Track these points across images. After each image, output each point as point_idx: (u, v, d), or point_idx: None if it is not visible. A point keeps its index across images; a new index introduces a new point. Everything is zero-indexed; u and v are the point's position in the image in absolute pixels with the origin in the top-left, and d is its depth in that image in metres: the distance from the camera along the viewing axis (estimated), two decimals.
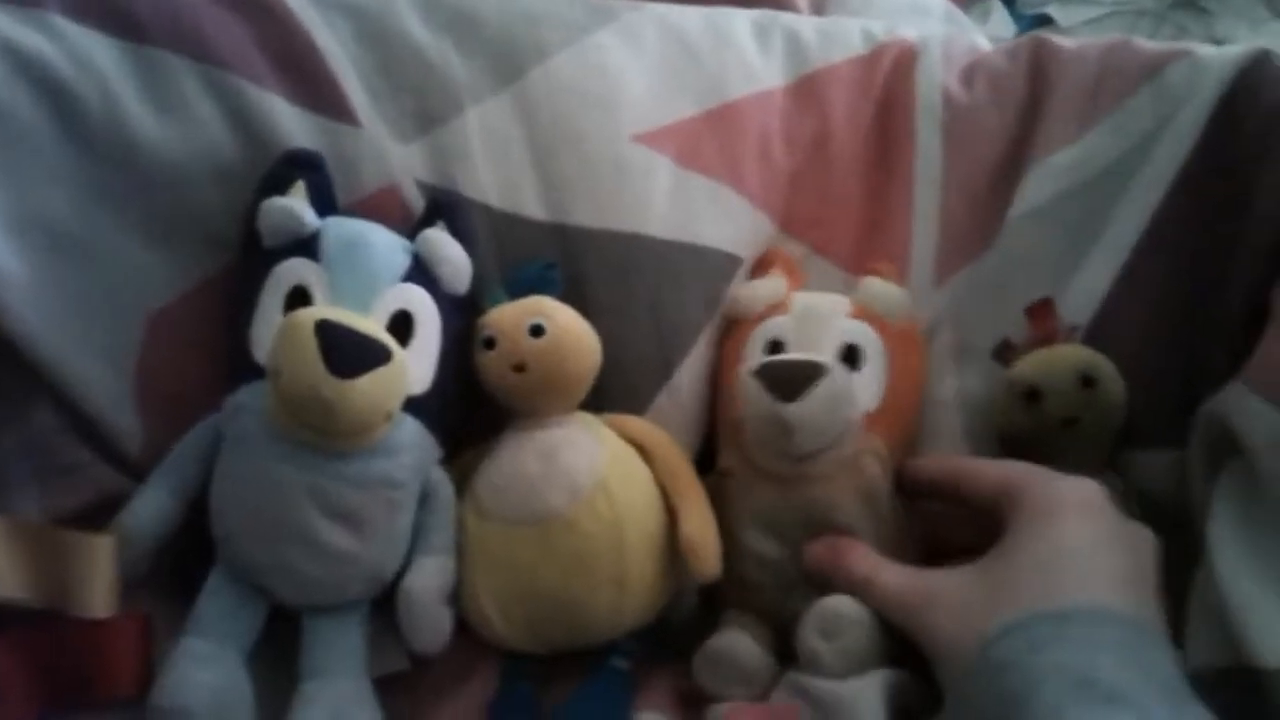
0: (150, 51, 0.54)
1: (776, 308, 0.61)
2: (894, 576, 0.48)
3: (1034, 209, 0.61)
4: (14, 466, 0.51)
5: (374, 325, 0.51)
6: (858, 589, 0.49)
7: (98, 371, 0.53)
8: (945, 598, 0.45)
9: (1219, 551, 0.45)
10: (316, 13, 0.59)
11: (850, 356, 0.58)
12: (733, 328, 0.62)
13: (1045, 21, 1.17)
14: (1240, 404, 0.47)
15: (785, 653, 0.54)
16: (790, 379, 0.54)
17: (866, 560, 0.50)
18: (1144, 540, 0.46)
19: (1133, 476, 0.54)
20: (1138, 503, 0.53)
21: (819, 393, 0.53)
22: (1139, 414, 0.54)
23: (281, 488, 0.49)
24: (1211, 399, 0.49)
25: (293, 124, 0.56)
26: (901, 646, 0.50)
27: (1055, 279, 0.58)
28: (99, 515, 0.51)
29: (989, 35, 1.12)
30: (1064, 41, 0.66)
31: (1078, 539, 0.43)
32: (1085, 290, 0.57)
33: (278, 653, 0.52)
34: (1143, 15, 1.17)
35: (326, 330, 0.48)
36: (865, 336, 0.59)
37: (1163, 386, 0.54)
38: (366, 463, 0.51)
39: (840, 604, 0.52)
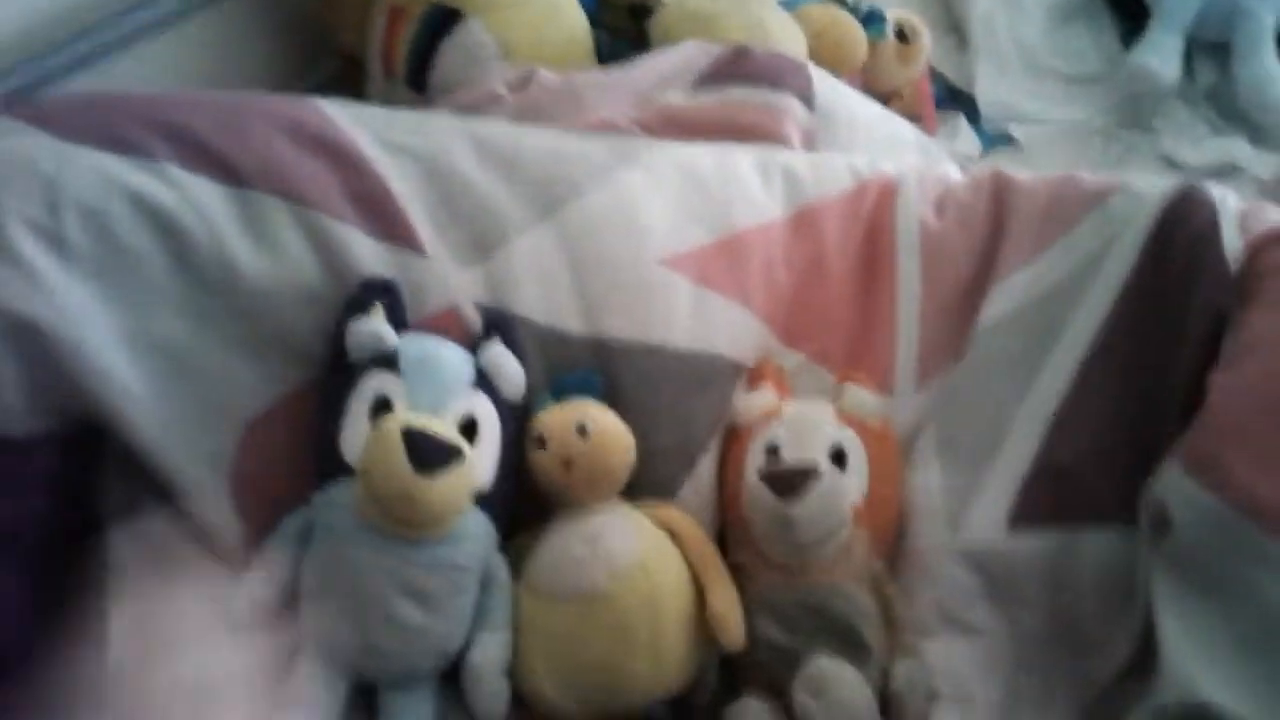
0: (249, 194, 0.63)
1: (771, 416, 0.69)
2: None
3: (998, 321, 0.71)
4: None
5: (449, 428, 0.59)
6: None
7: (202, 475, 0.59)
8: None
9: (1163, 619, 0.54)
10: (387, 156, 0.68)
11: (838, 458, 0.67)
12: (733, 435, 0.71)
13: (1008, 139, 1.28)
14: (1167, 479, 0.56)
15: None
16: (791, 481, 0.63)
17: None
18: None
19: (1091, 553, 0.62)
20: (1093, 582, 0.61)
21: (816, 491, 0.63)
22: (1099, 496, 0.62)
23: (365, 570, 0.57)
24: (1152, 480, 0.58)
25: (369, 254, 0.64)
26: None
27: (1021, 379, 0.68)
28: None
29: (957, 151, 1.24)
30: (1019, 175, 0.77)
31: None
32: (1049, 388, 0.66)
33: None
34: (1094, 134, 1.29)
35: (412, 435, 0.56)
36: (849, 440, 0.68)
37: (1119, 470, 0.62)
38: (436, 549, 0.58)
39: (825, 664, 0.60)
